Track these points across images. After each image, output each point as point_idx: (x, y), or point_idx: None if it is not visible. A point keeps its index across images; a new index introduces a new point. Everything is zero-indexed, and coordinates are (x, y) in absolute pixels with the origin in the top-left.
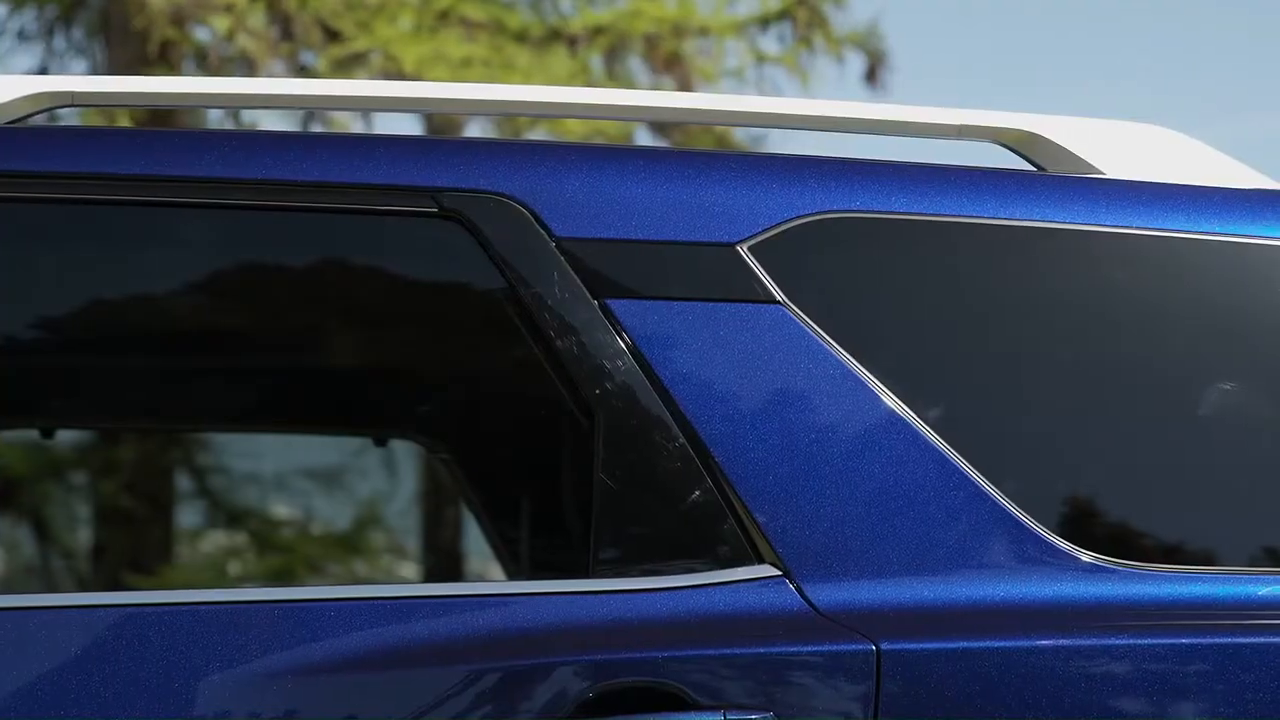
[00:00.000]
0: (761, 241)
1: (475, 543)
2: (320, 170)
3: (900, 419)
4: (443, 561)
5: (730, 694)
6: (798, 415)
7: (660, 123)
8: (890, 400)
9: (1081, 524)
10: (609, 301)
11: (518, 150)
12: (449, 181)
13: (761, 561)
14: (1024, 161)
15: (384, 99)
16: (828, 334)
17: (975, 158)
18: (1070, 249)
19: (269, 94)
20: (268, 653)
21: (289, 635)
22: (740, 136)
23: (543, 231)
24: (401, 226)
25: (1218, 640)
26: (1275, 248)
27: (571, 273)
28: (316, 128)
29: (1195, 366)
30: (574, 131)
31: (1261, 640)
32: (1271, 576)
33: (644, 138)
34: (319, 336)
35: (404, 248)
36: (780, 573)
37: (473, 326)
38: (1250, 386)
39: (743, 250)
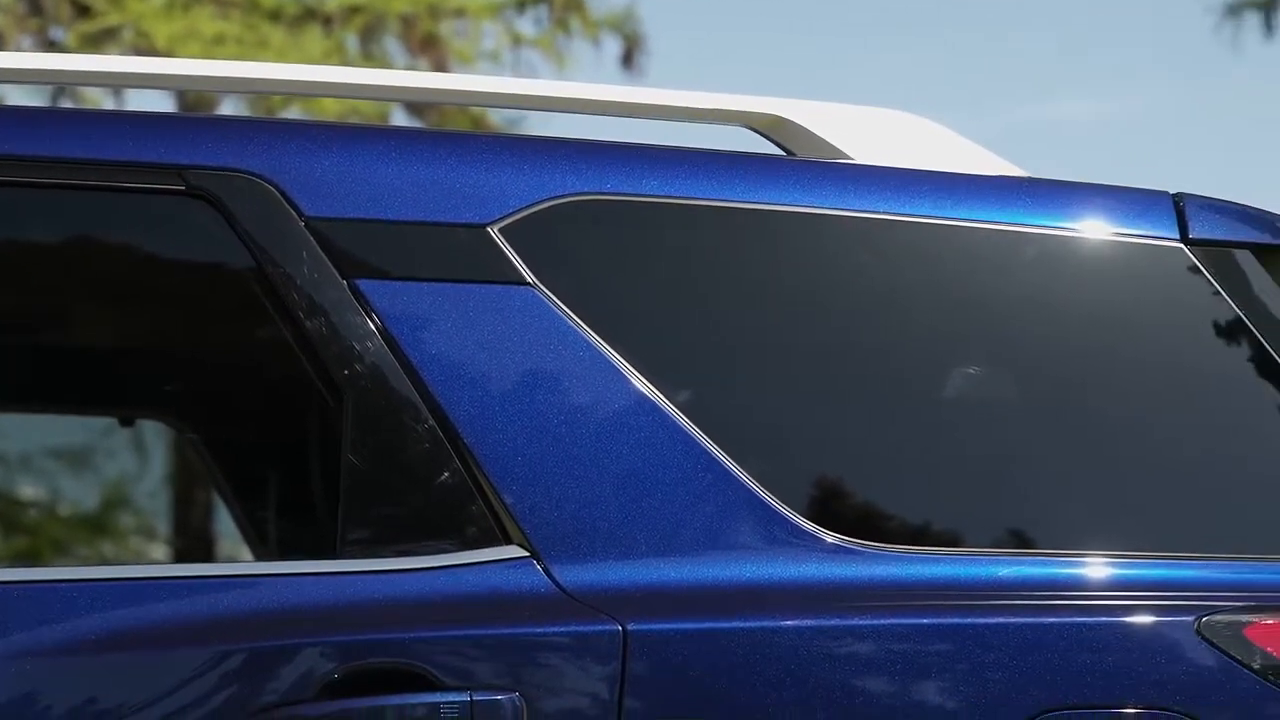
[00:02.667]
0: (512, 223)
1: (226, 524)
2: (65, 146)
3: (649, 402)
4: (193, 543)
5: (477, 675)
6: (547, 397)
7: (416, 103)
8: (639, 383)
9: (827, 506)
10: (358, 282)
11: (267, 128)
12: (196, 159)
13: (509, 543)
14: (774, 146)
15: (134, 75)
16: (578, 316)
17: (727, 142)
18: (817, 233)
19: (16, 69)
20: (9, 634)
21: (32, 616)
22: (497, 119)
23: (291, 211)
24: (148, 204)
25: (960, 620)
26: (1018, 234)
27: (320, 253)
28: (66, 104)
29: (939, 350)
30: (329, 111)
31: (1003, 620)
32: (1013, 557)
33: (400, 119)
34: (64, 315)
35: (150, 226)
36: (528, 554)
37: (221, 306)
38: (992, 370)
39: (493, 232)
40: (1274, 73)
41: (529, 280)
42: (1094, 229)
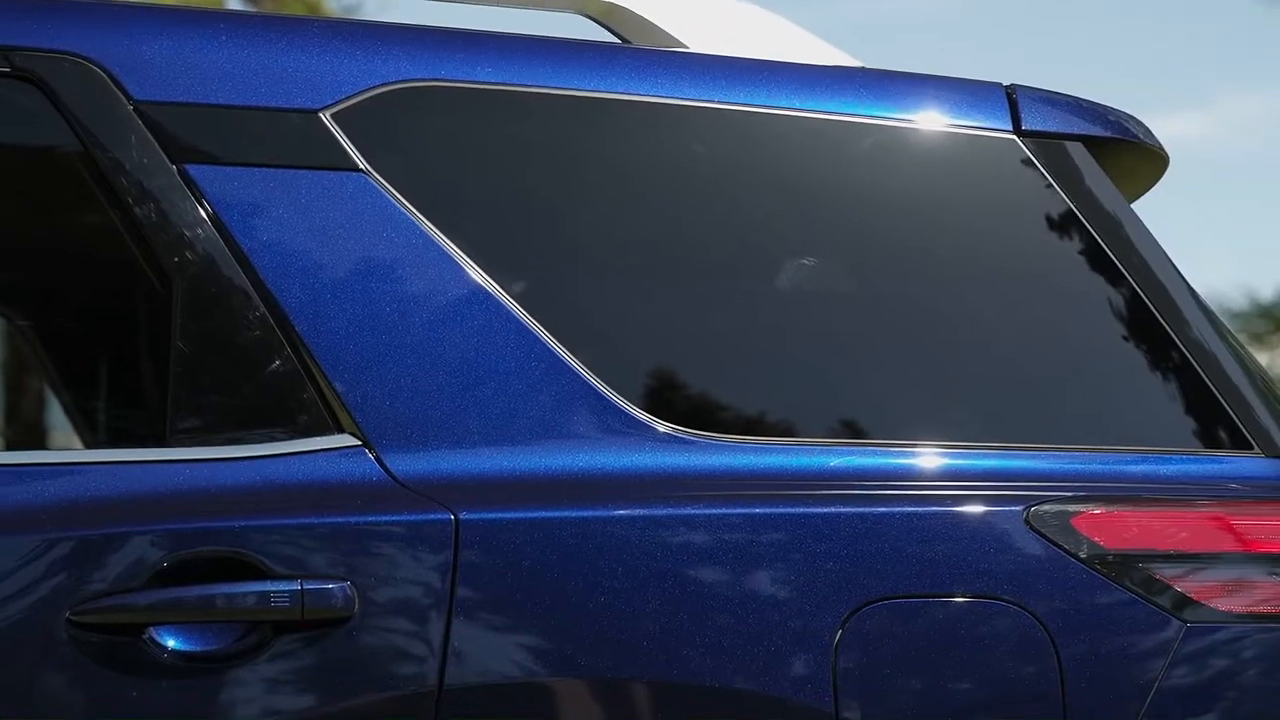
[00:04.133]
0: (344, 109)
1: (57, 413)
2: None
3: (484, 291)
4: (22, 431)
5: (309, 564)
6: (380, 285)
7: None
8: (474, 272)
9: (660, 396)
10: (188, 167)
11: (95, 10)
12: (22, 40)
13: (341, 431)
14: (609, 34)
15: None
16: (411, 204)
17: (563, 30)
18: (652, 122)
19: None
20: None
21: None
22: (333, 5)
23: (120, 94)
24: None
25: (792, 510)
26: (853, 124)
27: (150, 137)
28: None
29: (774, 241)
30: None
31: (835, 510)
32: (845, 447)
33: (235, 3)
34: None
35: None
36: (359, 442)
37: (48, 191)
38: (826, 261)
39: (325, 117)
40: None
41: (361, 166)
42: (928, 120)
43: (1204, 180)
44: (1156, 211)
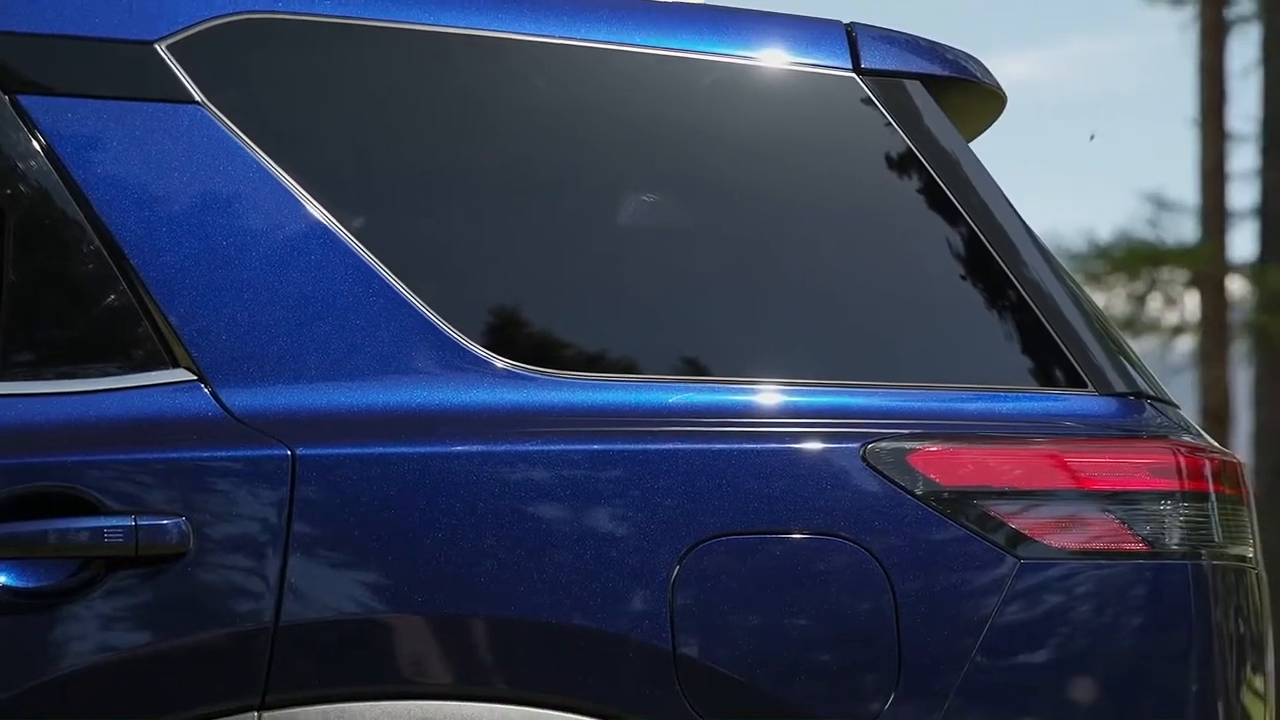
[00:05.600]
0: (181, 40)
1: None
2: None
3: (322, 226)
4: None
5: (144, 500)
6: (217, 219)
7: None
8: (313, 206)
9: (499, 332)
10: (21, 98)
11: None
12: None
13: (177, 366)
14: None
15: None
16: (249, 137)
17: None
18: (491, 57)
19: None
20: None
21: None
22: None
23: None
24: None
25: (630, 446)
26: (693, 61)
27: None
28: None
29: (613, 177)
30: None
31: (672, 446)
32: (684, 384)
33: None
34: None
35: None
36: (195, 377)
37: None
38: (666, 197)
39: (161, 49)
40: None
41: (197, 99)
42: (768, 57)
43: (1045, 121)
44: (996, 152)
